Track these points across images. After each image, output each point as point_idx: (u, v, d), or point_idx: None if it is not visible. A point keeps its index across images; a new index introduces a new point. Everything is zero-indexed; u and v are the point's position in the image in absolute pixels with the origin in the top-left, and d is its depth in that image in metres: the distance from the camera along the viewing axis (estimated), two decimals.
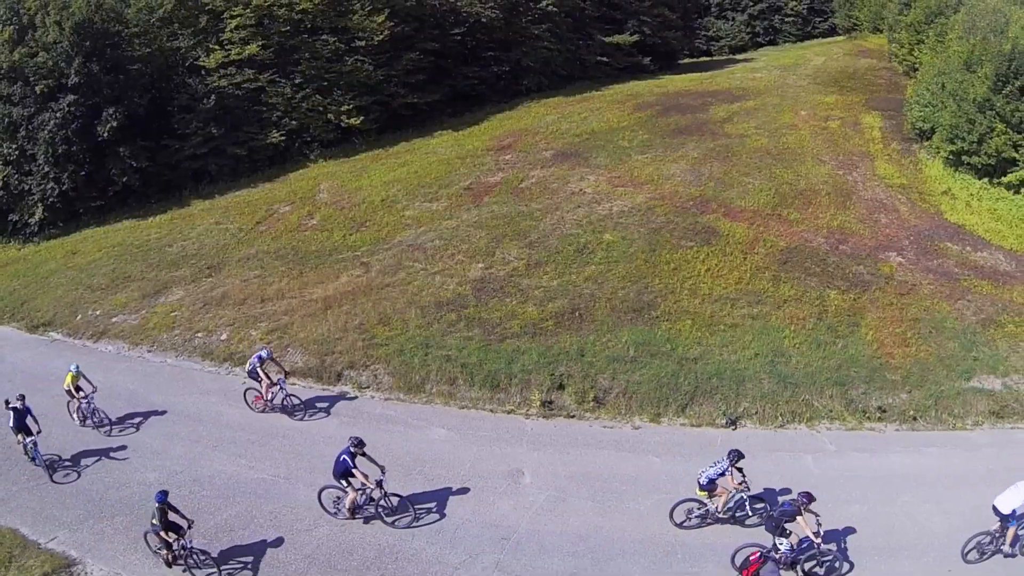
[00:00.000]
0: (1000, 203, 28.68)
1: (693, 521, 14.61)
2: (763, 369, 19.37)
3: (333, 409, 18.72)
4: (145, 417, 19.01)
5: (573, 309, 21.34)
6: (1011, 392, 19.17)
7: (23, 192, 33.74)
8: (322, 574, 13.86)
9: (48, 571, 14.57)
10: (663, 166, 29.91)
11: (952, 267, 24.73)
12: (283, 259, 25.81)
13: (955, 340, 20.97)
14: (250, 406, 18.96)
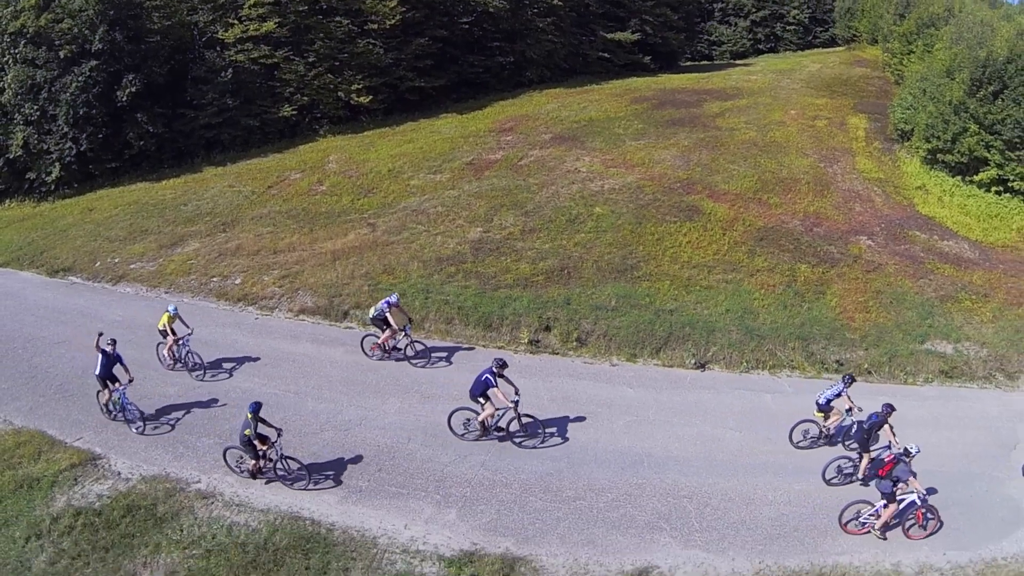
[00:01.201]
0: (971, 200, 31.66)
1: (807, 441, 17.26)
2: (732, 323, 22.21)
3: (338, 338, 21.37)
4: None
5: (562, 267, 24.20)
6: (961, 356, 21.94)
7: (41, 152, 36.47)
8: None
9: (75, 462, 16.56)
10: (654, 152, 32.86)
11: (918, 252, 27.69)
12: (294, 218, 28.62)
13: (913, 310, 23.84)
14: (366, 353, 20.14)
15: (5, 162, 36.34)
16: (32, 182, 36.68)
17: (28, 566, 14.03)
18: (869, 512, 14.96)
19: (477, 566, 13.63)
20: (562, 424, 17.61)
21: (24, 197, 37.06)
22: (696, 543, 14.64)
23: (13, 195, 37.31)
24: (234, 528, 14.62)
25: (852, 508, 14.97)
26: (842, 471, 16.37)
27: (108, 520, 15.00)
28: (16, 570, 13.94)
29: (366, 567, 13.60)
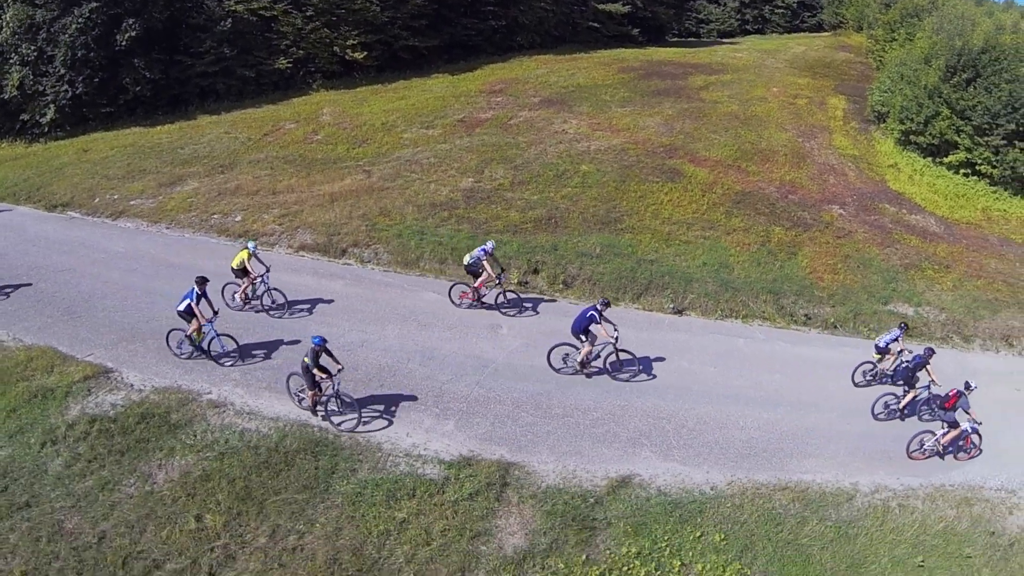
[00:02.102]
0: (939, 180, 33.65)
1: (865, 380, 19.50)
2: (709, 275, 23.89)
3: (337, 272, 22.73)
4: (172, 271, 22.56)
5: (550, 217, 25.72)
6: (921, 318, 23.85)
7: (37, 93, 37.07)
8: None
9: (89, 375, 17.40)
10: (639, 119, 34.38)
11: (887, 223, 29.58)
12: (291, 163, 29.79)
13: (879, 275, 25.71)
14: (455, 303, 20.84)
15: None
16: (26, 123, 37.20)
17: (44, 469, 14.87)
18: (932, 440, 17.03)
19: (475, 468, 15.11)
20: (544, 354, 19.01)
21: (16, 138, 37.62)
22: (674, 457, 16.34)
23: (5, 136, 37.91)
24: (246, 434, 15.76)
25: (916, 439, 17.10)
26: (888, 407, 18.41)
27: (123, 426, 15.96)
28: (33, 473, 14.78)
29: (372, 467, 15.04)
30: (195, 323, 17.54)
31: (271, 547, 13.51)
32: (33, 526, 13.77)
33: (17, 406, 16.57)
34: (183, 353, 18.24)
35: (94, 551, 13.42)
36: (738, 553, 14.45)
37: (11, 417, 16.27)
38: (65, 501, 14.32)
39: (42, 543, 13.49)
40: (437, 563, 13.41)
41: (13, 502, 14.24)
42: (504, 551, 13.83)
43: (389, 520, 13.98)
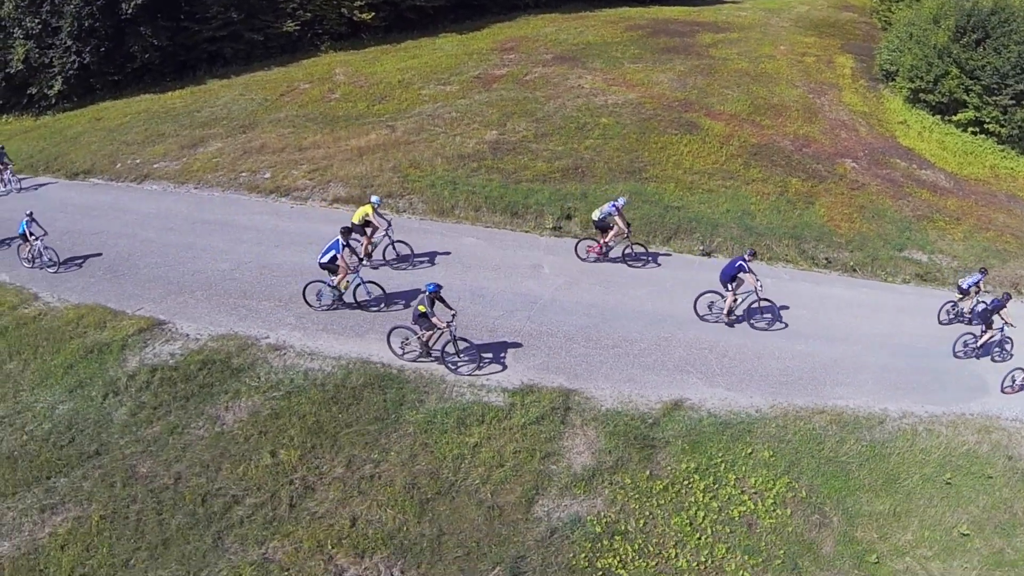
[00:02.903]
0: (948, 137, 34.49)
1: (948, 318, 20.94)
2: (733, 221, 24.59)
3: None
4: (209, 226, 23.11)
5: (576, 167, 26.18)
6: (934, 264, 24.86)
7: (43, 65, 36.84)
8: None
9: (143, 327, 18.00)
10: (652, 74, 34.75)
11: (898, 177, 30.29)
12: (313, 121, 29.99)
13: (893, 224, 26.67)
14: (581, 257, 21.23)
15: (4, 77, 36.57)
16: (32, 96, 37.05)
17: (109, 419, 15.44)
18: (1022, 376, 18.30)
19: (537, 395, 15.68)
20: (592, 290, 19.79)
21: (22, 112, 37.51)
22: (719, 383, 17.31)
23: (11, 110, 37.89)
24: (310, 373, 16.40)
25: (1009, 376, 18.43)
26: (967, 346, 19.55)
27: (185, 374, 16.52)
28: (98, 423, 15.35)
29: (439, 397, 15.70)
30: (341, 273, 17.80)
31: (348, 476, 14.07)
32: (106, 472, 14.32)
33: (74, 362, 17.01)
34: (323, 305, 18.52)
35: (171, 492, 13.99)
36: (786, 468, 15.51)
37: (69, 373, 16.73)
38: (135, 447, 14.90)
39: (117, 488, 14.07)
40: (512, 483, 14.13)
41: (82, 451, 14.78)
42: (573, 469, 14.73)
43: (462, 445, 14.64)
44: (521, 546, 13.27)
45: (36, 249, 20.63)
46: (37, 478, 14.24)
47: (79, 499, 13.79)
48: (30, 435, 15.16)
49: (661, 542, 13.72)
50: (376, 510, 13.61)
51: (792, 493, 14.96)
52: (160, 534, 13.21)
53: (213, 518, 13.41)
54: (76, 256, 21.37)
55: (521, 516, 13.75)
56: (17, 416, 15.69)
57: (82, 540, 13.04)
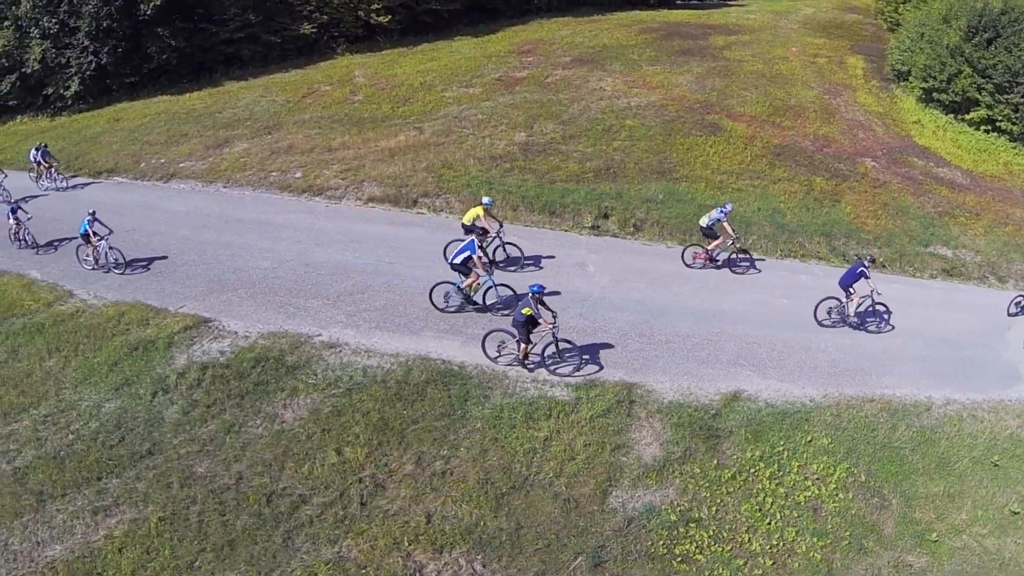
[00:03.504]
0: (962, 135, 34.69)
1: (1017, 309, 21.08)
2: (764, 219, 24.60)
3: (413, 221, 23.22)
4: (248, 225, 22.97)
5: (607, 167, 26.07)
6: (959, 259, 24.99)
7: (59, 66, 36.40)
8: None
9: (188, 325, 17.71)
10: (671, 77, 34.72)
11: (917, 175, 30.35)
12: (338, 122, 29.75)
13: (916, 221, 26.77)
14: (688, 263, 21.26)
15: (19, 77, 36.10)
16: (48, 96, 36.60)
17: (160, 417, 15.07)
18: None
19: (601, 389, 15.54)
20: (639, 287, 19.93)
21: (37, 112, 37.03)
22: (772, 376, 17.41)
23: (26, 110, 37.50)
24: (368, 370, 16.14)
25: None
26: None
27: (238, 371, 16.19)
28: (149, 422, 14.97)
29: (503, 392, 15.48)
30: (473, 275, 17.31)
31: (419, 473, 13.82)
32: (161, 473, 13.93)
33: (118, 359, 16.69)
34: (451, 306, 18.07)
35: (233, 492, 13.62)
36: (844, 454, 15.65)
37: (113, 370, 16.40)
38: (190, 447, 14.50)
39: (174, 489, 13.66)
40: (584, 475, 14.23)
41: (134, 451, 14.40)
42: (643, 460, 14.74)
43: (532, 439, 14.54)
44: (600, 536, 13.25)
45: (101, 250, 20.23)
46: (87, 479, 13.84)
47: (134, 500, 13.39)
48: (76, 434, 14.76)
49: (734, 528, 13.83)
50: (451, 506, 13.46)
51: (852, 478, 15.15)
52: (225, 535, 12.85)
53: (280, 518, 13.08)
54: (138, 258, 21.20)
55: (597, 507, 13.73)
56: (61, 415, 15.28)
57: (141, 542, 12.68)
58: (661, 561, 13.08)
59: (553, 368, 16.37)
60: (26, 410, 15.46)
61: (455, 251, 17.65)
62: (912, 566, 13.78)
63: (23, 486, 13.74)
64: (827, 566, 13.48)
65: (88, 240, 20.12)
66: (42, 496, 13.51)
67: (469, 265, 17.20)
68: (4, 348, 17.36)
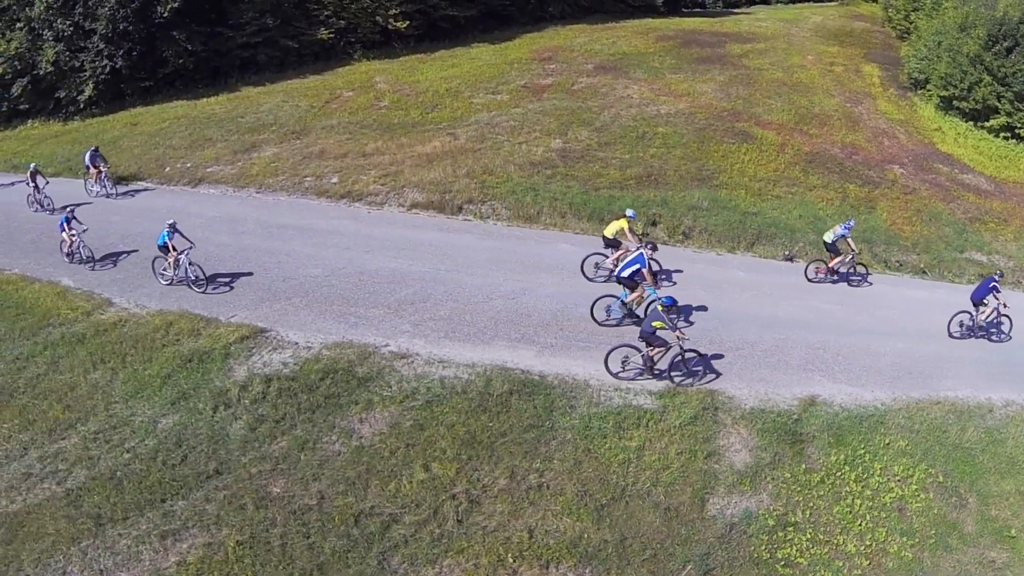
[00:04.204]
0: (982, 142, 34.97)
1: None
2: (807, 226, 24.48)
3: (461, 228, 22.70)
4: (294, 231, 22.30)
5: (648, 174, 25.72)
6: (994, 265, 24.94)
7: (72, 69, 35.41)
8: None
9: (244, 335, 16.80)
10: (695, 85, 34.48)
11: (944, 181, 30.32)
12: (369, 128, 29.13)
13: (949, 227, 26.89)
14: (810, 278, 21.32)
15: (30, 80, 35.07)
16: (60, 100, 35.57)
17: (224, 434, 14.27)
18: None
19: (685, 396, 15.05)
20: (700, 295, 19.73)
21: (49, 117, 35.97)
22: (840, 380, 17.29)
23: (37, 115, 36.44)
24: (446, 381, 15.46)
25: None
26: None
27: (306, 384, 15.40)
28: (212, 439, 14.16)
29: (588, 402, 14.93)
30: (640, 289, 16.85)
31: (514, 488, 13.25)
32: (232, 494, 13.16)
33: (171, 372, 15.88)
34: (611, 319, 17.53)
35: (316, 513, 12.91)
36: (921, 456, 15.61)
37: (167, 384, 15.57)
38: (262, 465, 13.74)
39: (249, 510, 12.90)
40: (681, 483, 13.98)
41: (199, 470, 13.61)
42: (735, 467, 14.50)
43: (624, 449, 14.44)
44: (703, 544, 13.03)
45: (181, 264, 19.00)
46: (150, 501, 12.99)
47: (205, 524, 12.62)
48: (133, 453, 13.94)
49: (828, 530, 13.72)
50: (551, 520, 13.03)
51: (931, 479, 15.12)
52: (312, 559, 12.17)
53: (372, 539, 12.45)
54: None
55: (696, 515, 13.49)
56: (113, 431, 14.45)
57: (219, 568, 11.98)
58: (766, 566, 12.91)
59: (678, 380, 16.02)
60: (73, 426, 14.58)
61: (623, 264, 17.20)
62: (995, 562, 13.88)
63: (78, 509, 12.84)
64: (919, 565, 13.54)
65: (166, 252, 19.02)
66: (100, 520, 12.66)
67: (636, 278, 16.72)
68: (43, 360, 16.50)
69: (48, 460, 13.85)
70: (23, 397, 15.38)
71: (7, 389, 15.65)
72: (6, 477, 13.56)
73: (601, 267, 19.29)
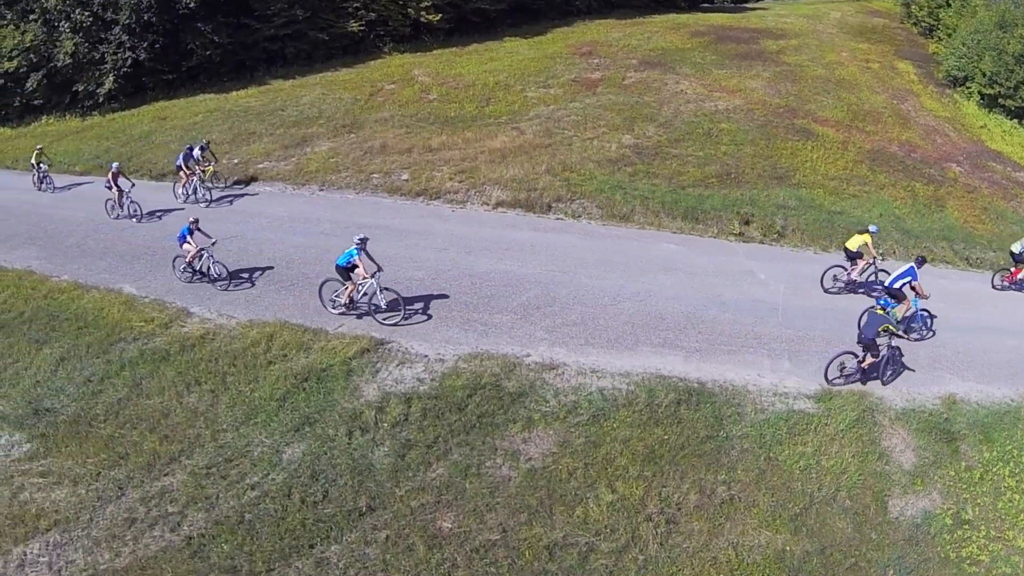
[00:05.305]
0: None
1: None
2: (889, 224, 24.15)
3: (556, 227, 21.91)
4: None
5: (726, 172, 24.94)
6: None
7: (91, 62, 33.51)
8: None
9: (364, 347, 15.36)
10: (743, 81, 33.86)
11: (999, 179, 30.13)
12: (424, 121, 27.89)
13: (1016, 224, 26.84)
14: (996, 287, 20.87)
15: (46, 74, 33.06)
16: (77, 95, 33.67)
17: (367, 463, 12.80)
18: None
19: (842, 399, 15.08)
20: (814, 294, 19.12)
21: (64, 112, 34.05)
22: (969, 378, 16.65)
23: (52, 110, 34.53)
24: (606, 392, 14.34)
25: None
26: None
27: (452, 402, 14.06)
28: (354, 470, 12.65)
29: (754, 408, 14.00)
30: (907, 302, 16.66)
31: (706, 504, 12.39)
32: (395, 533, 11.69)
33: (286, 393, 14.27)
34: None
35: (502, 549, 11.60)
36: None
37: (283, 407, 13.97)
38: (422, 497, 12.29)
39: (420, 551, 11.48)
40: (861, 487, 13.44)
41: (348, 508, 12.08)
42: (904, 467, 14.02)
43: (802, 456, 13.83)
44: (895, 547, 12.54)
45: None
46: (295, 547, 11.41)
47: (370, 571, 11.14)
48: (259, 490, 12.32)
49: (998, 526, 13.27)
50: (752, 534, 12.44)
51: None
52: None
53: (572, 573, 11.23)
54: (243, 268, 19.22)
55: (881, 518, 13.00)
56: (228, 465, 12.82)
57: None
58: (953, 565, 12.44)
59: (885, 383, 15.67)
60: (176, 460, 12.95)
61: (894, 276, 16.91)
62: None
63: (205, 561, 11.18)
64: None
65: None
66: (237, 572, 11.06)
67: (905, 291, 16.57)
68: (122, 382, 14.80)
69: (153, 501, 12.18)
70: (106, 426, 13.69)
71: (84, 417, 13.98)
72: (103, 523, 11.80)
73: (839, 279, 19.02)
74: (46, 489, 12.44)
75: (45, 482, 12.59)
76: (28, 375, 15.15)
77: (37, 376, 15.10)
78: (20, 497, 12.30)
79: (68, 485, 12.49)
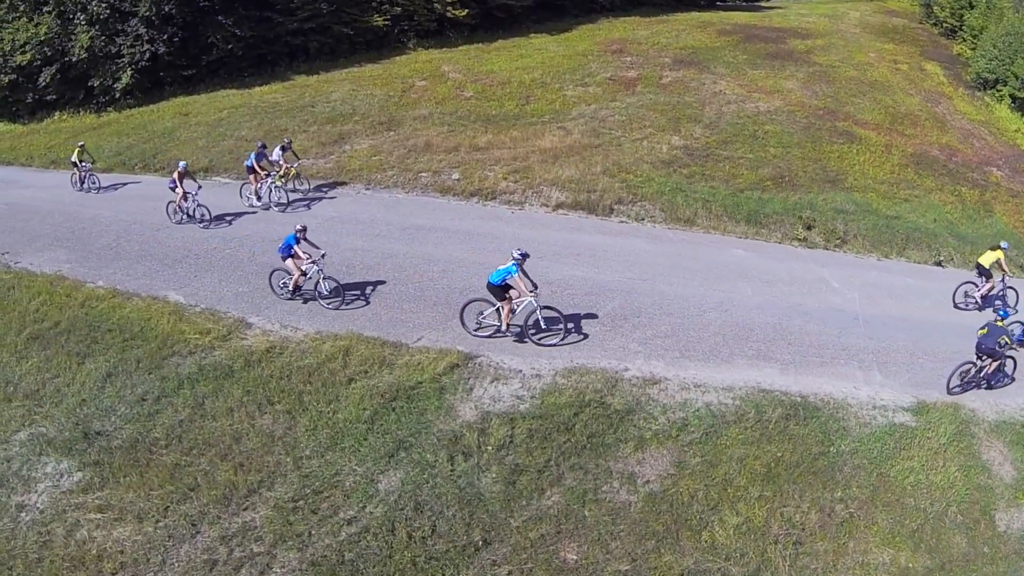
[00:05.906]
0: None
1: None
2: (943, 229, 24.28)
3: (622, 231, 21.41)
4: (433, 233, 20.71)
5: (780, 176, 24.65)
6: None
7: (108, 55, 32.54)
8: None
9: (453, 363, 14.46)
10: (779, 81, 33.63)
11: None
12: (467, 119, 27.32)
13: None
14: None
15: (59, 69, 32.02)
16: (92, 90, 32.66)
17: (475, 492, 11.97)
18: None
19: (939, 412, 14.80)
20: (888, 303, 18.93)
21: (79, 108, 33.02)
22: None
23: (65, 106, 33.46)
24: (713, 408, 13.94)
25: None
26: None
27: (558, 422, 13.32)
28: (462, 500, 11.81)
29: (857, 423, 13.86)
30: None
31: (828, 522, 12.27)
32: (517, 569, 10.90)
33: (373, 415, 13.29)
34: None
35: None
36: None
37: (372, 431, 12.98)
38: (541, 527, 11.54)
39: None
40: (969, 501, 13.26)
41: (461, 543, 11.20)
42: (1005, 480, 13.90)
43: (910, 471, 13.60)
44: (1007, 561, 12.42)
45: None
46: None
47: None
48: (357, 525, 11.29)
49: None
50: (875, 553, 12.25)
51: None
52: None
53: None
54: None
55: (991, 532, 12.88)
56: (318, 497, 11.74)
57: None
58: None
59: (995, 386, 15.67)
60: (256, 492, 11.81)
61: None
62: None
63: None
64: None
65: None
66: None
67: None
68: (181, 401, 13.58)
69: (234, 540, 11.07)
70: (169, 452, 12.52)
71: (142, 441, 12.74)
72: (178, 567, 10.67)
73: (971, 295, 18.98)
74: (106, 526, 11.24)
75: (104, 518, 11.37)
76: (71, 392, 13.81)
77: (82, 394, 13.76)
78: (76, 535, 11.13)
79: (132, 521, 11.31)
